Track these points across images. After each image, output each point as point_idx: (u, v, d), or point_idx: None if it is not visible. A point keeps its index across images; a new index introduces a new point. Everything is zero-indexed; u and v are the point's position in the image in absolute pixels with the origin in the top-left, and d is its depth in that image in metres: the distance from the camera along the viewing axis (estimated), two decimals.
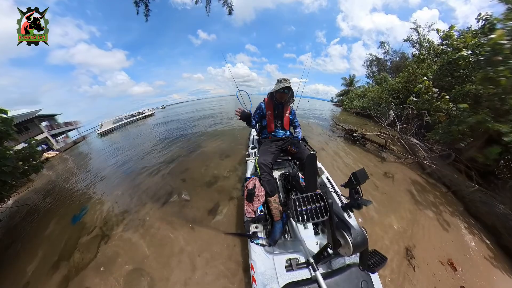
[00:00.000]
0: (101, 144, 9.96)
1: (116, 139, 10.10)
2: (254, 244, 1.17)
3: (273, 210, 1.36)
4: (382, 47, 20.06)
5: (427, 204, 2.49)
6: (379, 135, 4.98)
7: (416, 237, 1.93)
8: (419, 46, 12.80)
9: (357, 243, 0.72)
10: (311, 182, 0.99)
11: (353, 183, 0.78)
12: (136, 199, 2.77)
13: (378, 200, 2.48)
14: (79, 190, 3.74)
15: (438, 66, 5.59)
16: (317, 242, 1.21)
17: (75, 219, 2.63)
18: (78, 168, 5.72)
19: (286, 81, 1.72)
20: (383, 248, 1.75)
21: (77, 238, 2.19)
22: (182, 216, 2.23)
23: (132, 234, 2.06)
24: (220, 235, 1.88)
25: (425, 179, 3.20)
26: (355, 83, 25.87)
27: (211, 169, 3.43)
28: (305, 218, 0.73)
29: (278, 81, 1.77)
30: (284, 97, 1.81)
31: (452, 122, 3.20)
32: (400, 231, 1.99)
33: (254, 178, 1.52)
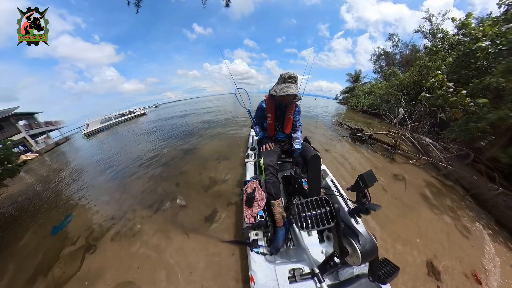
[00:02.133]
0: (87, 145, 9.94)
1: (104, 140, 10.10)
2: (254, 253, 1.17)
3: (276, 214, 1.35)
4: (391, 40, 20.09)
5: (444, 208, 2.46)
6: (388, 135, 4.98)
7: (433, 245, 1.89)
8: (431, 37, 12.80)
9: (366, 251, 0.71)
10: (315, 185, 0.98)
11: (360, 186, 0.77)
12: (126, 205, 2.77)
13: (388, 205, 2.46)
14: (62, 196, 3.68)
15: (454, 58, 5.57)
16: (322, 251, 1.19)
17: (56, 229, 2.57)
18: (60, 172, 5.61)
19: (292, 79, 1.46)
20: (395, 257, 1.72)
21: (59, 250, 2.12)
22: (177, 223, 2.23)
23: (121, 245, 2.04)
24: (217, 243, 1.88)
25: (441, 181, 3.17)
26: (361, 79, 25.92)
27: (208, 172, 3.43)
28: (310, 225, 0.72)
29: (281, 78, 1.49)
30: (288, 99, 1.61)
31: (470, 119, 3.17)
32: (414, 238, 1.96)
33: (253, 181, 1.53)
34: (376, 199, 2.53)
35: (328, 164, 3.41)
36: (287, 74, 1.47)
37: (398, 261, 1.67)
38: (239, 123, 8.26)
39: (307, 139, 2.03)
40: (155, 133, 8.37)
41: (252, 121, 2.09)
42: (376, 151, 4.51)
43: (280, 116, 1.77)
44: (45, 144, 12.98)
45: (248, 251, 1.21)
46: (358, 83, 24.97)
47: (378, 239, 0.79)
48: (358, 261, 0.72)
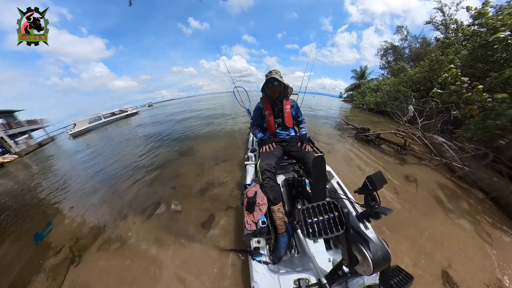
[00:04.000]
0: (74, 146, 9.91)
1: (92, 140, 10.08)
2: (256, 262, 1.16)
3: (277, 220, 1.35)
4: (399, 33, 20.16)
5: (461, 212, 2.44)
6: (397, 134, 4.97)
7: (448, 252, 1.87)
8: (444, 29, 12.81)
9: (378, 260, 0.70)
10: (320, 189, 0.97)
11: (369, 188, 0.77)
12: (117, 211, 2.76)
13: (399, 208, 2.45)
14: (43, 202, 3.61)
15: (469, 51, 5.55)
16: (329, 259, 1.18)
17: (36, 238, 2.50)
18: (42, 175, 5.54)
19: (272, 72, 1.79)
20: (408, 265, 1.71)
21: (39, 262, 2.05)
22: (172, 230, 2.22)
23: (110, 255, 2.00)
24: (216, 252, 1.86)
25: (456, 183, 3.16)
26: (367, 75, 26.03)
27: (206, 175, 3.43)
28: (317, 233, 0.71)
29: (266, 76, 1.84)
30: (276, 90, 1.83)
31: (488, 115, 3.13)
32: (428, 245, 1.94)
33: (254, 184, 1.52)
34: (386, 203, 2.53)
35: (333, 165, 3.37)
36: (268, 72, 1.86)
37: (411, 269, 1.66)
38: (239, 123, 8.28)
39: (311, 139, 2.04)
40: (148, 133, 8.40)
41: (251, 123, 2.14)
42: (384, 152, 4.50)
43: (278, 112, 1.90)
44: (26, 145, 12.65)
45: (249, 260, 1.20)
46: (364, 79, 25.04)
47: (390, 245, 0.78)
48: (370, 270, 0.71)
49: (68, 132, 14.49)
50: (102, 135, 11.40)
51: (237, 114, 10.97)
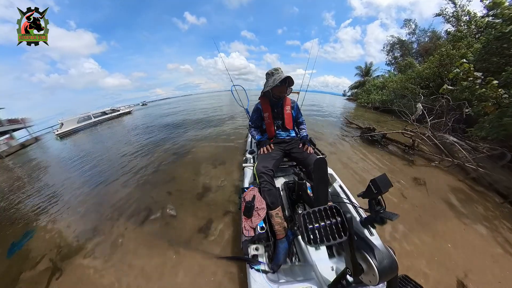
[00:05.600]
0: (61, 147, 9.86)
1: (81, 141, 10.09)
2: (254, 270, 1.15)
3: (275, 226, 1.35)
4: (407, 26, 20.16)
5: (476, 218, 2.40)
6: (404, 134, 4.97)
7: (463, 261, 1.83)
8: (455, 21, 12.78)
9: (384, 268, 0.70)
10: (321, 192, 0.97)
11: (373, 192, 0.76)
12: (106, 216, 2.74)
13: (407, 213, 2.43)
14: (24, 207, 3.53)
15: (482, 44, 5.51)
16: (332, 267, 1.17)
17: (12, 249, 2.39)
18: (24, 178, 5.43)
19: (278, 70, 1.73)
20: (418, 275, 1.68)
21: (16, 274, 1.96)
22: (166, 237, 2.21)
23: (97, 265, 1.95)
24: (212, 260, 1.86)
25: (470, 186, 3.13)
26: (372, 72, 26.07)
27: (202, 179, 3.44)
28: (319, 239, 0.70)
29: (269, 75, 1.75)
30: (284, 91, 1.81)
31: (504, 113, 3.10)
32: (439, 253, 1.92)
33: (253, 188, 1.52)
34: (393, 207, 2.51)
35: (336, 167, 3.39)
36: (272, 69, 1.76)
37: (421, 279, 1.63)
38: (237, 123, 8.29)
39: (312, 140, 2.04)
40: (141, 134, 8.42)
41: (249, 124, 2.16)
42: (391, 153, 4.48)
43: (278, 113, 1.90)
44: (8, 145, 12.24)
45: (247, 269, 1.19)
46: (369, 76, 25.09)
47: (397, 253, 0.77)
48: (375, 280, 0.70)
49: (54, 132, 14.24)
50: (91, 135, 11.36)
51: (235, 113, 10.99)
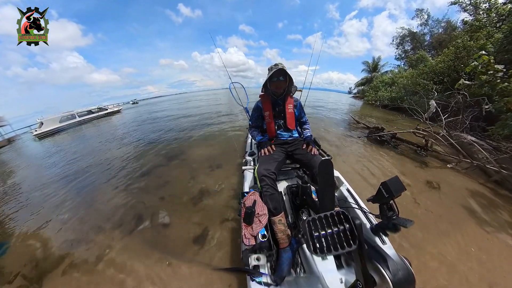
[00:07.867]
0: (39, 149, 9.61)
1: (63, 142, 9.89)
2: (255, 283, 1.14)
3: (278, 234, 1.34)
4: (418, 17, 20.18)
5: (499, 225, 2.38)
6: (416, 133, 4.98)
7: (488, 272, 1.80)
8: (473, 9, 12.73)
9: (399, 281, 0.69)
10: (327, 196, 0.96)
11: (384, 196, 0.76)
12: (91, 225, 2.71)
13: (422, 220, 2.41)
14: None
15: (504, 34, 5.49)
16: (341, 279, 1.15)
17: None
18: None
19: (278, 65, 1.77)
20: None
21: None
22: (158, 247, 2.20)
23: (78, 279, 1.92)
24: (209, 271, 1.84)
25: (492, 190, 3.10)
26: (380, 67, 26.13)
27: (198, 182, 3.44)
28: (325, 248, 0.70)
29: (269, 70, 1.83)
30: (280, 86, 1.83)
31: None
32: (461, 264, 1.89)
33: (253, 192, 1.51)
34: (406, 213, 2.50)
35: (343, 170, 3.40)
36: (273, 64, 1.84)
37: None
38: (236, 124, 8.29)
39: (316, 141, 2.04)
40: (131, 134, 8.41)
41: (249, 123, 2.18)
42: (401, 154, 4.49)
43: (279, 112, 1.92)
44: None
45: (248, 281, 1.17)
46: (376, 72, 25.16)
47: (412, 264, 0.76)
48: None
49: (32, 132, 13.76)
50: (75, 136, 11.20)
51: (233, 112, 11.00)
